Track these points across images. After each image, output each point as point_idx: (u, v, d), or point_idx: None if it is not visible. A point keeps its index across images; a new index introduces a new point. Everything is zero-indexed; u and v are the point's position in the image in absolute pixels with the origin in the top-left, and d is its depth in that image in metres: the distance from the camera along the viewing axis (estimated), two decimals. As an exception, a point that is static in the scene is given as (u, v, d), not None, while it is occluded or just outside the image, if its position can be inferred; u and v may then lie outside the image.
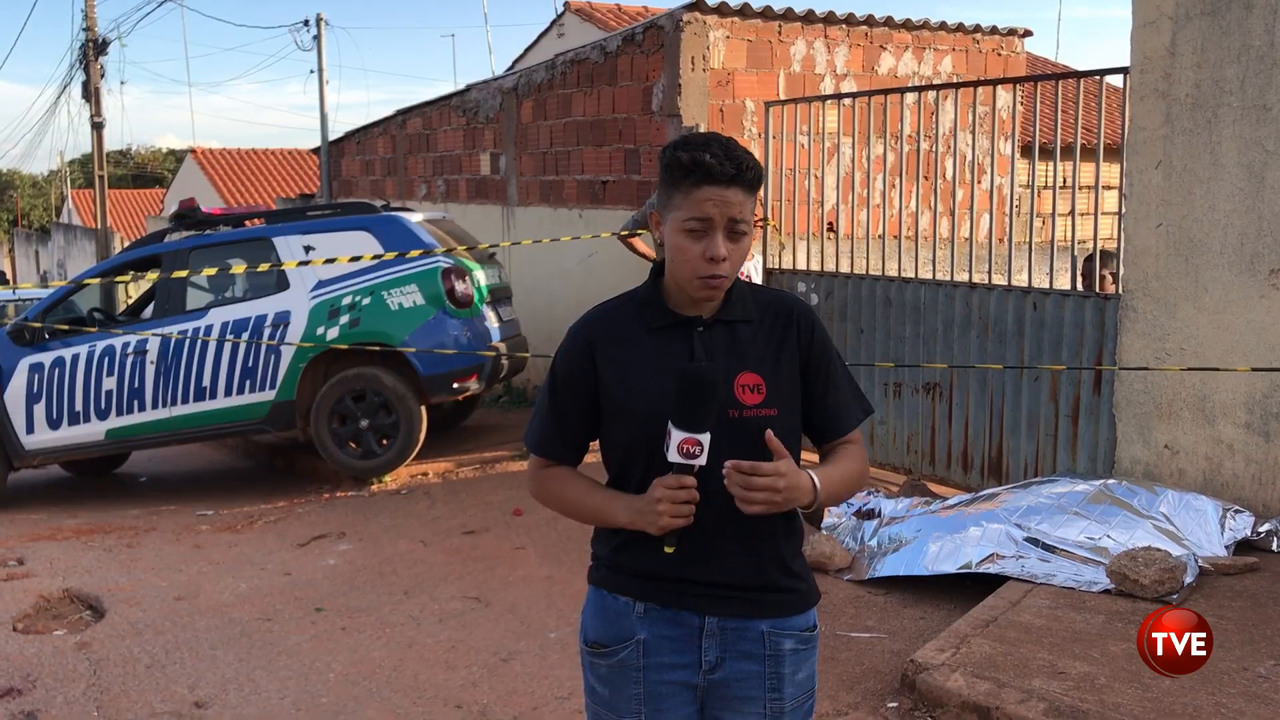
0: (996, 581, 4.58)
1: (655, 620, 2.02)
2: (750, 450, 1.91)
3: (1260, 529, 4.84)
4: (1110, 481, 5.17)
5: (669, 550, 1.94)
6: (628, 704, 2.04)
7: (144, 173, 47.18)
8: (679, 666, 2.03)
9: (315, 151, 14.91)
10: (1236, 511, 4.89)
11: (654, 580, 2.01)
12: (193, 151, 28.06)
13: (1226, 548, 4.74)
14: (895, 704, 3.80)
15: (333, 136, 14.25)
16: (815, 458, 2.12)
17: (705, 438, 1.86)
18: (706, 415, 1.87)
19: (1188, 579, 4.29)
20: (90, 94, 19.97)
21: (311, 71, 16.00)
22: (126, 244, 20.62)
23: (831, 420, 2.08)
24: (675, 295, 2.03)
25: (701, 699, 2.06)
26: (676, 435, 1.86)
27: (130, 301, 13.33)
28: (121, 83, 58.73)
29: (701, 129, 8.13)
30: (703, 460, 1.88)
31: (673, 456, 1.87)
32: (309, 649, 4.77)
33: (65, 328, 7.97)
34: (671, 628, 2.02)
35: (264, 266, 7.41)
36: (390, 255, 7.29)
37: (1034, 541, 4.74)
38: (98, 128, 20.15)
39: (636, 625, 2.03)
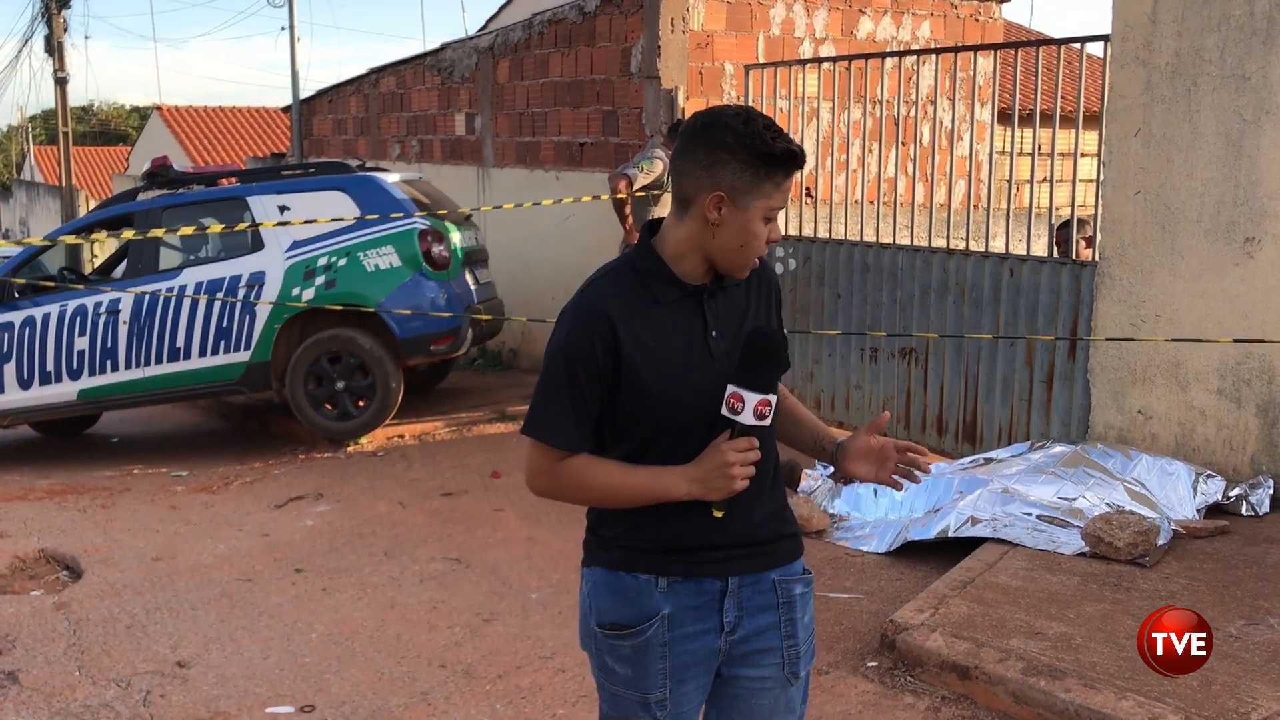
0: (973, 543, 4.65)
1: (679, 593, 2.02)
2: None
3: (1230, 493, 4.93)
4: (1086, 445, 5.25)
5: (718, 515, 1.96)
6: (653, 680, 2.03)
7: (107, 129, 46.39)
8: (702, 634, 2.04)
9: (285, 110, 14.69)
10: (1208, 476, 4.98)
11: (674, 552, 2.02)
12: (158, 109, 27.60)
13: (1198, 511, 4.83)
14: (875, 663, 3.87)
15: (304, 95, 14.06)
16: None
17: (774, 398, 1.92)
18: (777, 375, 1.93)
19: (1161, 542, 4.38)
20: (53, 48, 19.60)
21: (282, 29, 15.78)
22: (93, 203, 20.34)
23: None
24: (688, 267, 2.00)
25: (720, 662, 2.08)
26: (752, 398, 1.89)
27: (96, 261, 13.17)
28: (86, 37, 57.46)
29: (681, 92, 8.10)
30: (769, 420, 1.93)
31: (748, 420, 1.89)
32: (290, 609, 4.78)
33: (50, 284, 7.88)
34: (695, 597, 2.03)
35: (241, 226, 7.33)
36: (373, 216, 7.23)
37: (1010, 504, 4.80)
38: (61, 83, 19.81)
39: (660, 601, 2.02)
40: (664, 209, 7.21)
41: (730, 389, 1.89)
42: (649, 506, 1.98)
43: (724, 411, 1.90)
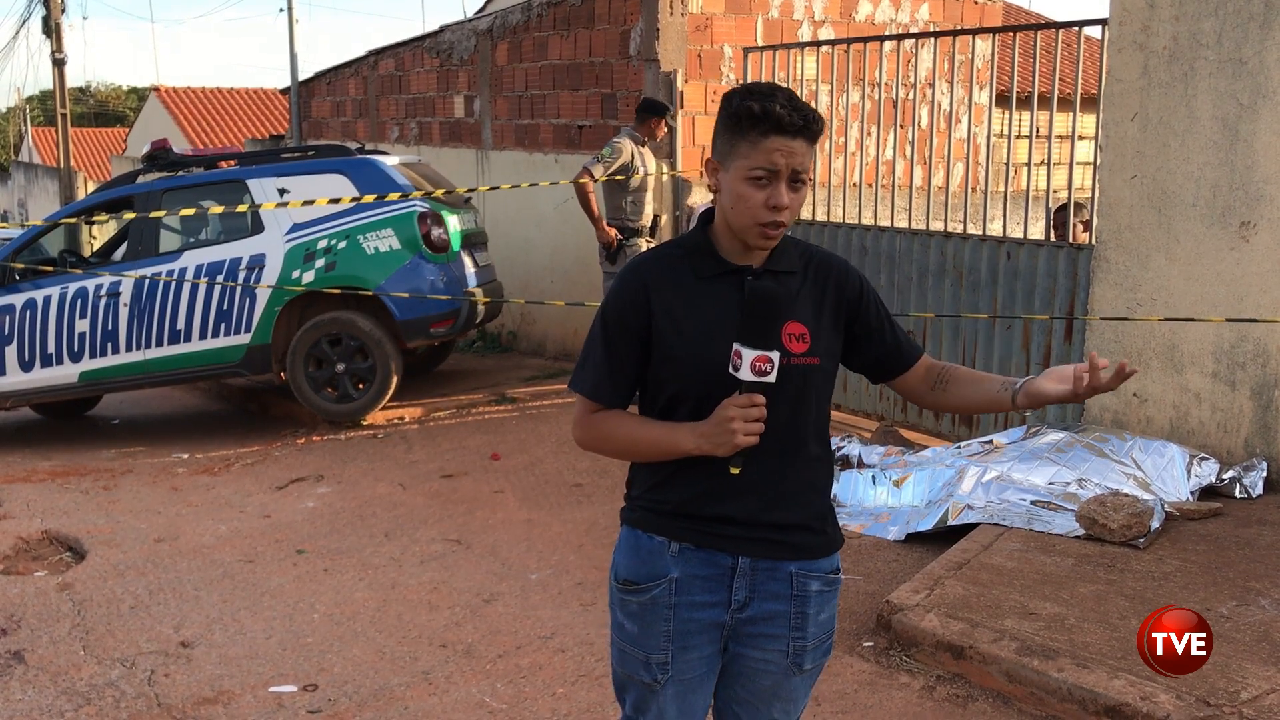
0: (970, 525, 4.69)
1: (689, 560, 2.08)
2: (797, 396, 2.01)
3: (1224, 475, 4.97)
4: (1081, 428, 5.28)
5: (735, 471, 1.99)
6: (656, 640, 2.10)
7: (105, 110, 46.21)
8: (709, 605, 2.09)
9: (284, 91, 14.67)
10: (1202, 458, 5.02)
11: (689, 519, 2.07)
12: (156, 90, 27.50)
13: (1192, 493, 4.87)
14: (871, 643, 3.91)
15: (302, 77, 14.03)
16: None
17: (775, 355, 1.93)
18: (775, 332, 1.94)
19: (1154, 524, 4.42)
20: (51, 29, 19.51)
21: (281, 10, 15.73)
22: (91, 184, 20.30)
23: (903, 348, 2.18)
24: (726, 244, 2.07)
25: (726, 637, 2.13)
26: (749, 354, 1.92)
27: (95, 244, 13.16)
28: (84, 18, 57.25)
29: (680, 74, 8.10)
30: (772, 378, 1.93)
31: (745, 375, 1.92)
32: (292, 590, 4.82)
33: (50, 270, 7.90)
34: (704, 567, 2.08)
35: (242, 208, 7.35)
36: (369, 198, 7.25)
37: (1006, 490, 4.84)
38: (59, 64, 19.70)
39: (670, 564, 2.08)
40: (647, 193, 7.24)
41: (734, 346, 1.94)
42: (670, 470, 2.05)
43: (729, 369, 1.94)
